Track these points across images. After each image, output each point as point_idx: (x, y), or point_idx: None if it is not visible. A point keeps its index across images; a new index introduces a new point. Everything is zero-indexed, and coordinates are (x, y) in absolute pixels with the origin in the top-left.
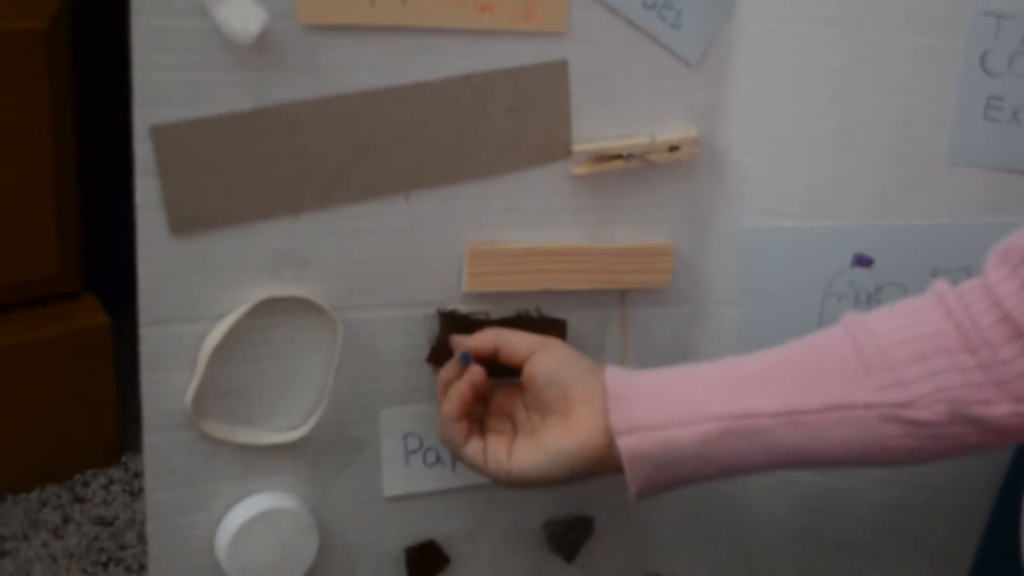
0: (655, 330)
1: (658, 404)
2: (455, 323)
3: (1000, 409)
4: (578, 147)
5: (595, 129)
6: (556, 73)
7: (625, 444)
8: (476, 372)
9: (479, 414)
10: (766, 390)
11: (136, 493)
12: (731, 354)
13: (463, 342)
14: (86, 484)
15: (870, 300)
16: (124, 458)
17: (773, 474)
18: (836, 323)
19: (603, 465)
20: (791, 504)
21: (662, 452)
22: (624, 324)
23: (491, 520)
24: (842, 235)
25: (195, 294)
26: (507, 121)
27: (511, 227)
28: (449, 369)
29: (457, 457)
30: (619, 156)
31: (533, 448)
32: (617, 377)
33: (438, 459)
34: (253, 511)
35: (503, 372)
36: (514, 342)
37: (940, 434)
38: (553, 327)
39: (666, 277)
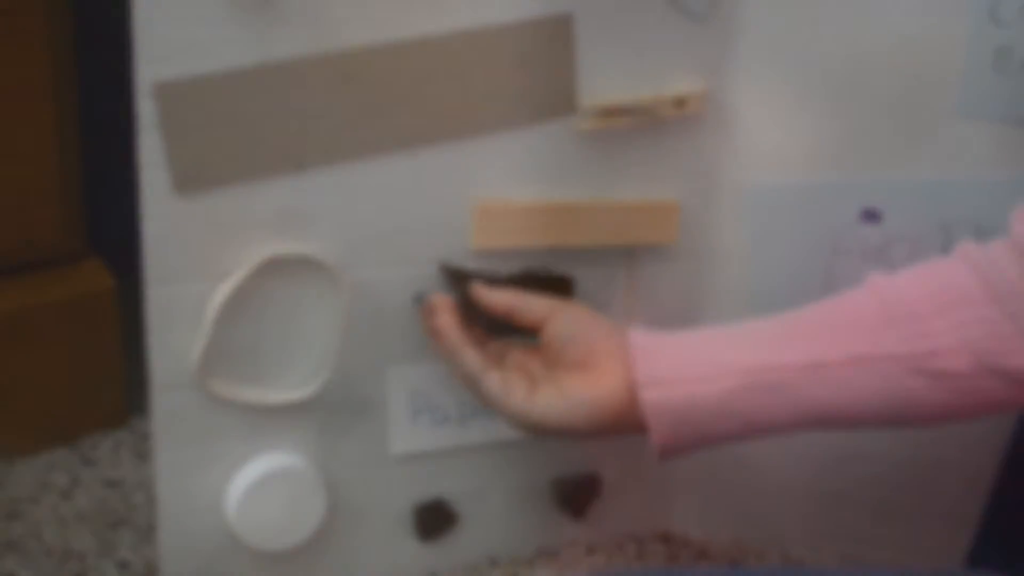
0: (662, 287)
1: (682, 358)
2: (459, 279)
3: None
4: (584, 102)
5: (601, 84)
6: (561, 27)
7: (648, 397)
8: (437, 300)
9: (495, 357)
10: (790, 343)
11: (144, 455)
12: (738, 312)
13: (485, 296)
14: (94, 447)
15: (879, 256)
16: (132, 420)
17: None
18: (847, 279)
19: (625, 420)
20: (800, 462)
21: (685, 406)
22: (631, 281)
23: (500, 478)
24: (850, 190)
25: (201, 253)
26: (512, 76)
27: (517, 183)
28: (427, 318)
29: (476, 391)
30: (625, 111)
31: (556, 394)
32: (641, 333)
33: (446, 417)
34: (261, 471)
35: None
36: (530, 305)
37: (966, 387)
38: (560, 284)
39: (672, 234)
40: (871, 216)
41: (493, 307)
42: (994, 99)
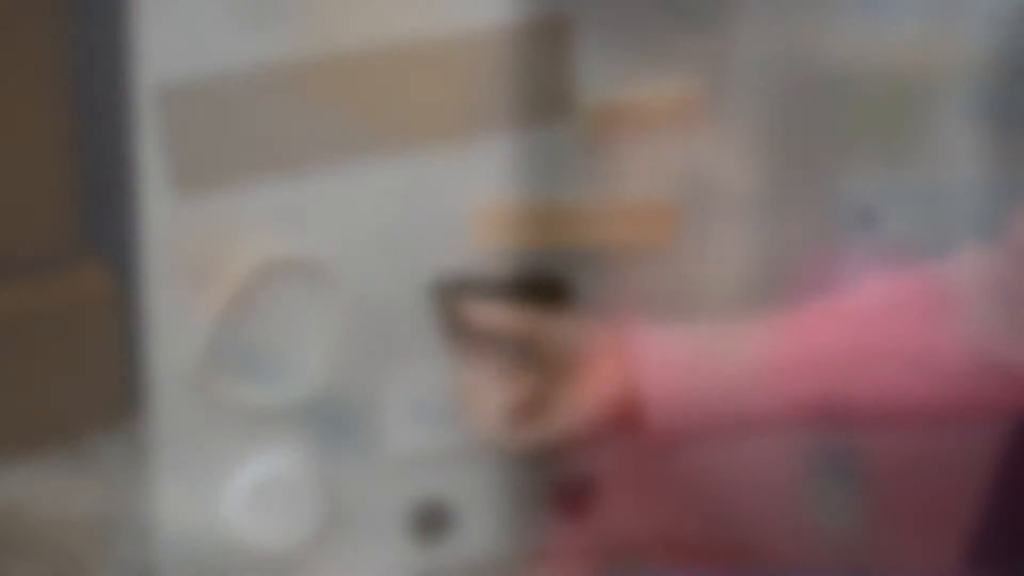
0: (659, 290)
1: (680, 351)
2: (456, 294)
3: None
4: (582, 104)
5: (599, 86)
6: (560, 29)
7: (648, 388)
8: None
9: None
10: (790, 338)
11: (142, 456)
12: (736, 315)
13: (482, 319)
14: (93, 447)
15: (877, 258)
16: (130, 421)
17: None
18: (845, 281)
19: (626, 418)
20: (799, 464)
21: (684, 399)
22: (629, 283)
23: (498, 479)
24: (848, 191)
25: (200, 254)
26: (511, 78)
27: (516, 186)
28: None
29: (486, 432)
30: (623, 113)
31: (556, 408)
32: (640, 328)
33: (444, 419)
34: (260, 472)
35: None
36: (525, 317)
37: (962, 384)
38: (558, 287)
39: (670, 236)
40: (869, 218)
41: (492, 326)
42: (994, 100)
